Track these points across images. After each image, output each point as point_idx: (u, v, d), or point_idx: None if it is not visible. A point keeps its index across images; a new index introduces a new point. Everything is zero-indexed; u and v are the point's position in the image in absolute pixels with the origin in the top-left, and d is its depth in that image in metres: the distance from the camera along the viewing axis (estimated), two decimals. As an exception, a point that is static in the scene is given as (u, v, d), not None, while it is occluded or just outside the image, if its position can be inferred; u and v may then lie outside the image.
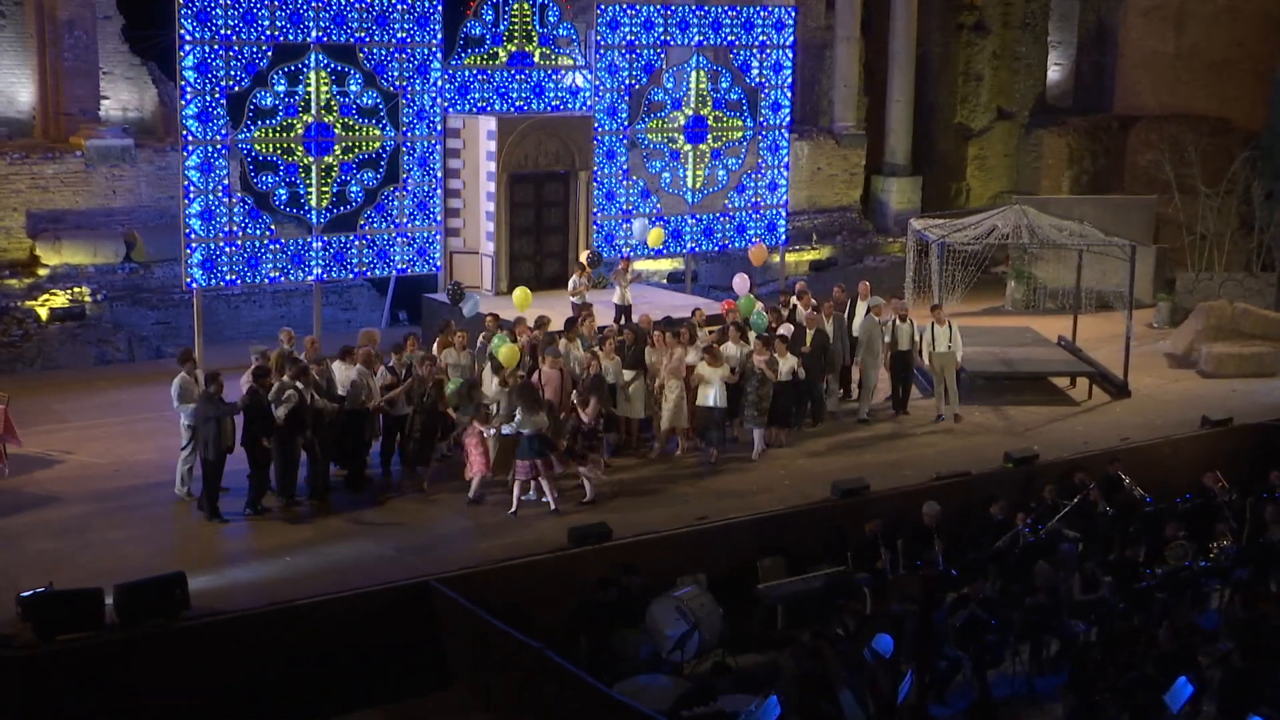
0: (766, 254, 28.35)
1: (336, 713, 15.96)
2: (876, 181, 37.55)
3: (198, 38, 23.10)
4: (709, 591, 17.61)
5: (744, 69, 29.16)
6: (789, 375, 21.71)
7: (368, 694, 16.21)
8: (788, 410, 22.08)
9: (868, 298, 24.22)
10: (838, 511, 19.61)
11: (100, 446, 21.35)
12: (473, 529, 18.58)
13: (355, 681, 16.15)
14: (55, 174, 27.47)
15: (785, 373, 21.63)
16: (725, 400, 20.98)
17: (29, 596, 15.18)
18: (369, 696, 16.21)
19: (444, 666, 16.69)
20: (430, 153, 25.90)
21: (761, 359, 21.21)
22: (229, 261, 24.06)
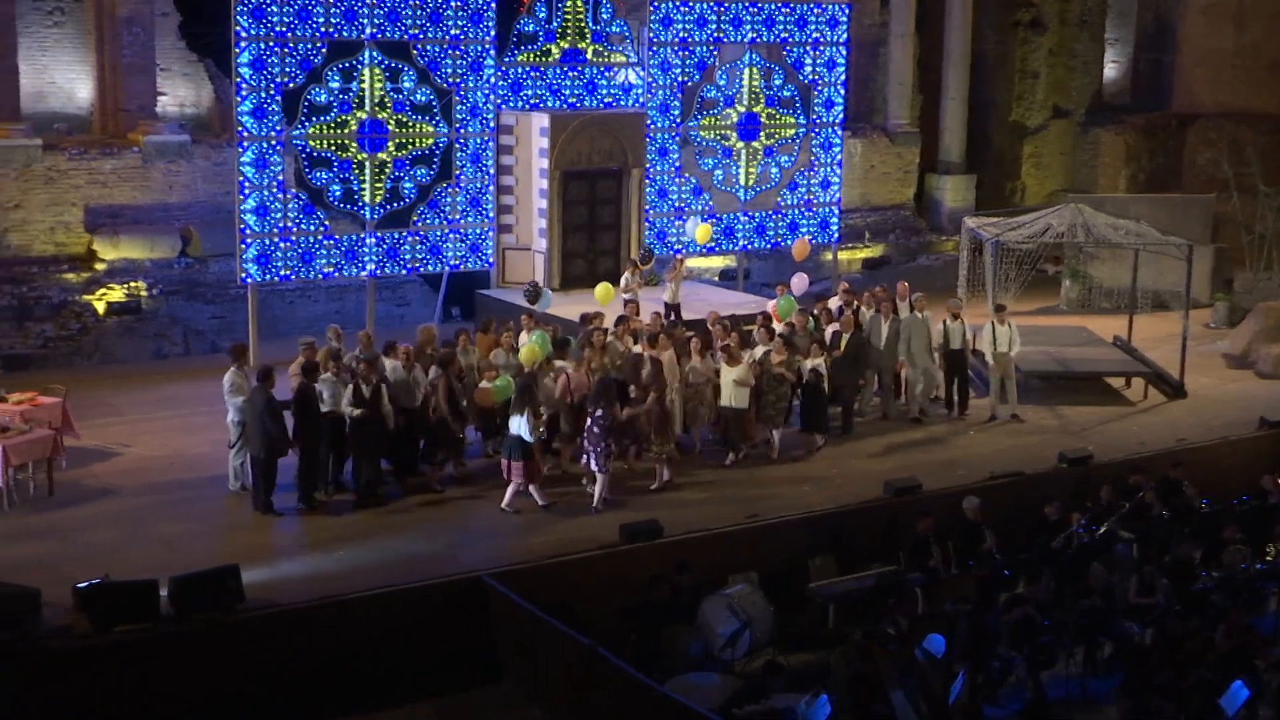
0: (809, 249, 28.27)
1: (388, 705, 16.04)
2: (930, 179, 37.37)
3: (253, 34, 23.26)
4: (760, 590, 17.60)
5: (797, 66, 29.09)
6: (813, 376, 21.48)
7: (419, 687, 16.27)
8: (820, 413, 21.94)
9: (907, 297, 24.05)
10: (890, 510, 19.54)
11: (156, 440, 21.54)
12: (523, 525, 18.62)
13: (406, 675, 16.22)
14: (113, 170, 27.74)
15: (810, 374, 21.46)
16: (744, 401, 20.80)
17: (86, 587, 15.34)
18: (420, 690, 16.27)
19: (494, 661, 16.74)
20: (483, 149, 25.98)
21: (779, 358, 21.09)
22: (283, 257, 24.22)
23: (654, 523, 18.18)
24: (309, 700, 15.73)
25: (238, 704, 15.44)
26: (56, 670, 14.96)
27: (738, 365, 20.62)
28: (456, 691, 16.43)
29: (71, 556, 17.05)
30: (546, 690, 16.18)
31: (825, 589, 18.12)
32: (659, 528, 18.12)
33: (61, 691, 14.91)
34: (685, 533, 18.32)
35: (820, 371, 21.56)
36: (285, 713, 15.57)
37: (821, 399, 21.76)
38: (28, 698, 14.76)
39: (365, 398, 18.80)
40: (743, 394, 20.65)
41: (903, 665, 15.18)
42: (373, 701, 15.99)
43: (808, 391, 21.47)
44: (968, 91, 36.84)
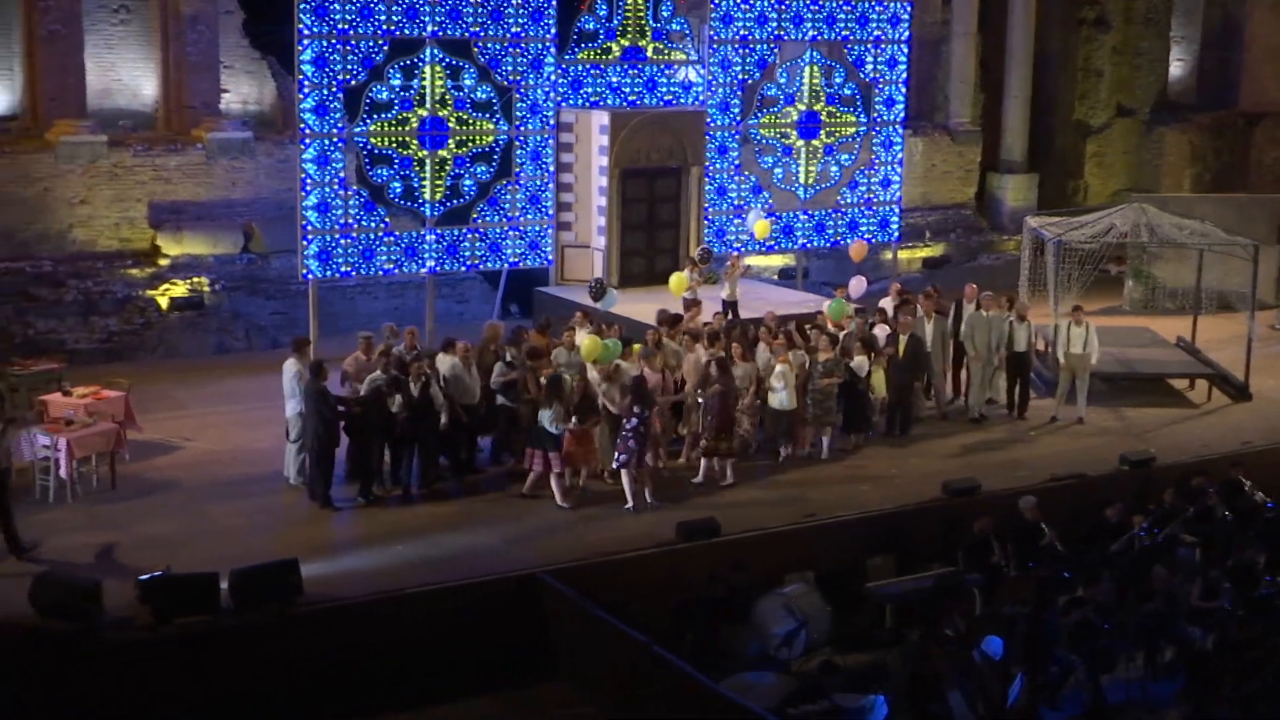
0: (867, 250, 28.13)
1: (444, 701, 16.10)
2: (992, 179, 37.13)
3: (316, 32, 23.39)
4: (817, 589, 17.56)
5: (858, 64, 28.94)
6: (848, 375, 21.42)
7: (475, 683, 16.32)
8: (863, 414, 21.84)
9: (974, 299, 23.89)
10: (949, 511, 19.43)
11: (218, 434, 21.74)
12: (580, 521, 18.65)
13: (463, 670, 16.27)
14: (177, 166, 28.02)
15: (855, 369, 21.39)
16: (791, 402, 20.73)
17: (147, 580, 15.51)
18: (476, 686, 16.32)
19: (551, 658, 16.77)
20: (543, 147, 26.01)
21: (826, 357, 20.99)
22: (344, 253, 24.35)
23: (711, 521, 18.17)
24: (366, 694, 15.84)
25: (296, 697, 15.55)
26: (118, 661, 15.13)
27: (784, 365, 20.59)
28: (512, 688, 16.47)
29: (133, 549, 17.25)
30: (602, 688, 16.20)
31: (883, 589, 18.05)
32: (716, 526, 18.10)
33: (122, 682, 15.09)
34: (742, 531, 18.30)
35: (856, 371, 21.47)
36: (343, 706, 15.68)
37: (862, 399, 21.64)
38: (90, 687, 14.95)
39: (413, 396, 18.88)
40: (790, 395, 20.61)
41: (960, 666, 15.12)
42: (429, 697, 16.05)
43: (848, 392, 21.39)
44: (1030, 90, 36.60)
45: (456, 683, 16.20)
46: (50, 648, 15.06)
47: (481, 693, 16.33)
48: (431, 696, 16.05)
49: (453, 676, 16.19)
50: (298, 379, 19.05)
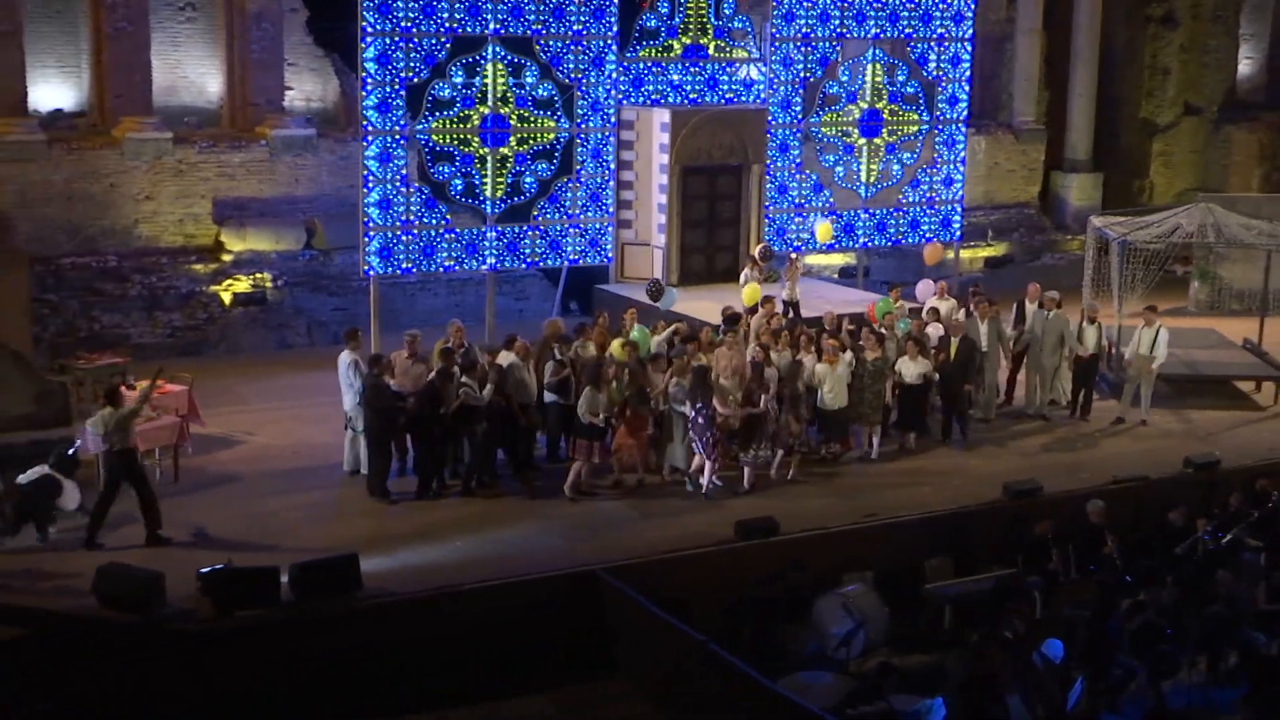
0: (942, 253, 27.97)
1: (502, 697, 16.17)
2: (1056, 177, 36.86)
3: (379, 30, 23.54)
4: (875, 590, 17.49)
5: (921, 62, 28.80)
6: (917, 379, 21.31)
7: (533, 680, 16.37)
8: (917, 414, 21.72)
9: (1036, 299, 23.71)
10: (1009, 512, 19.31)
11: (279, 428, 21.91)
12: (639, 518, 18.68)
13: (521, 667, 16.33)
14: (241, 162, 28.28)
15: (914, 376, 21.26)
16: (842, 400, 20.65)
17: (209, 572, 15.67)
18: (534, 682, 16.37)
19: (609, 655, 16.80)
20: (604, 145, 26.05)
21: (874, 355, 20.89)
22: (405, 250, 24.49)
23: (770, 520, 18.15)
24: (424, 689, 15.91)
25: (355, 690, 15.67)
26: (179, 652, 15.29)
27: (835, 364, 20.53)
28: (571, 685, 16.50)
29: (195, 541, 17.43)
30: (660, 685, 16.21)
31: (942, 590, 17.97)
32: (775, 525, 18.08)
33: (184, 673, 15.25)
34: (801, 531, 18.26)
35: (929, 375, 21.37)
36: (401, 700, 15.78)
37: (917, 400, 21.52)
38: (151, 678, 15.12)
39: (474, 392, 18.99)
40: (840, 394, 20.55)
41: (1020, 669, 15.00)
42: (487, 693, 16.11)
43: (910, 392, 21.28)
44: (1096, 88, 36.31)
45: (514, 679, 16.25)
46: (114, 638, 15.25)
47: (539, 690, 16.37)
48: (489, 693, 16.11)
49: (511, 673, 16.25)
50: (353, 369, 19.20)
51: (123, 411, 17.51)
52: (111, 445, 17.44)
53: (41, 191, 26.60)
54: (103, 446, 17.64)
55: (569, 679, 16.51)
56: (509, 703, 16.16)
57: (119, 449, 17.42)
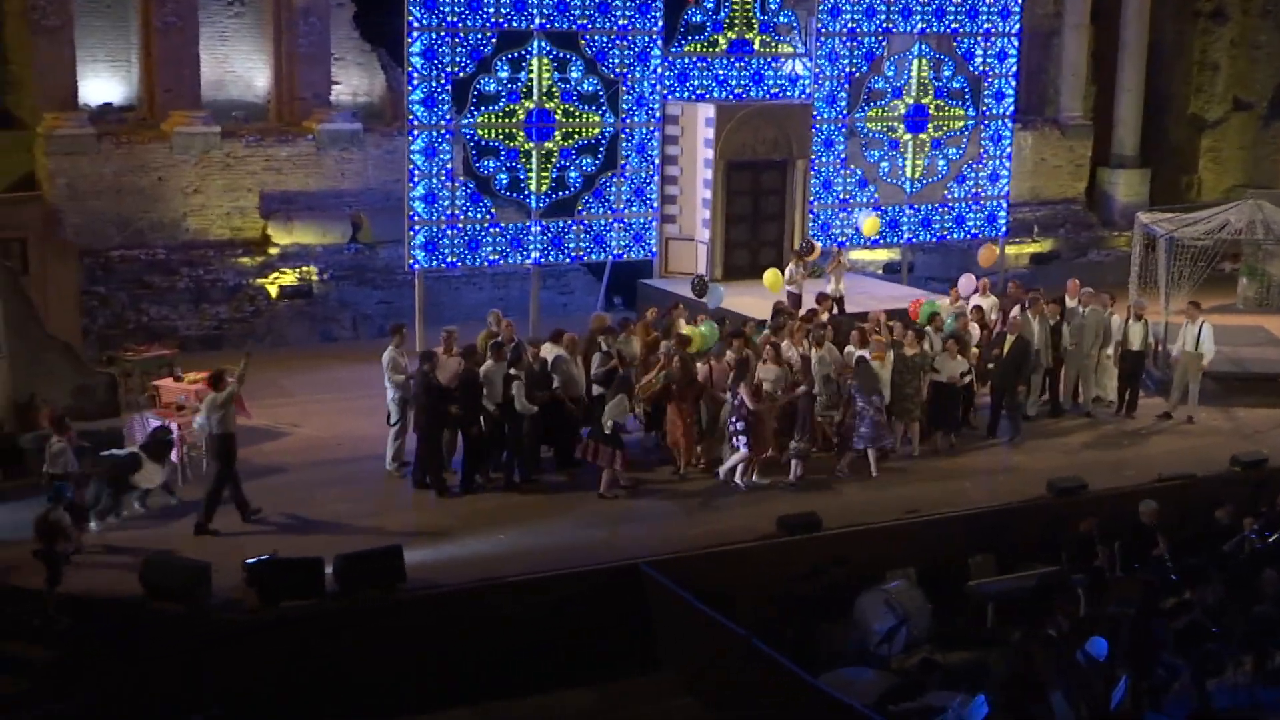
0: (997, 255, 27.82)
1: (545, 690, 16.21)
2: (1102, 173, 36.62)
3: (425, 24, 23.61)
4: (918, 586, 17.44)
5: (967, 57, 28.65)
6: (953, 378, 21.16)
7: (576, 673, 16.41)
8: (952, 413, 21.61)
9: (1076, 295, 23.55)
10: (1053, 510, 19.21)
11: (324, 421, 22.02)
12: (682, 513, 18.69)
13: (564, 660, 16.37)
14: (288, 156, 28.44)
15: (949, 375, 21.12)
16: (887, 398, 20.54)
17: (255, 563, 15.79)
18: (577, 676, 16.41)
19: (651, 650, 16.81)
20: (648, 139, 26.06)
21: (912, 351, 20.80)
22: (450, 244, 24.57)
23: (812, 515, 18.12)
24: (467, 681, 15.98)
25: (397, 681, 15.76)
26: (225, 641, 15.41)
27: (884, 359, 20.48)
28: (613, 679, 16.53)
29: (241, 532, 17.54)
30: (702, 679, 16.22)
31: (985, 587, 17.88)
32: (817, 520, 18.05)
33: (229, 661, 15.37)
34: (843, 526, 18.22)
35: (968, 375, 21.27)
36: (444, 691, 15.85)
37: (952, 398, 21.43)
38: (198, 666, 15.25)
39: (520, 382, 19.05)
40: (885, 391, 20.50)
41: (1063, 667, 14.94)
42: (530, 686, 16.16)
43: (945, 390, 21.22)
44: (1144, 83, 36.02)
45: (557, 672, 16.30)
46: (161, 627, 15.38)
47: (582, 683, 16.42)
48: (532, 686, 16.16)
49: (553, 666, 16.30)
50: (395, 365, 19.30)
51: (222, 395, 17.78)
52: (212, 429, 17.74)
53: (91, 184, 26.83)
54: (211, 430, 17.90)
55: (611, 673, 16.53)
56: (551, 696, 16.21)
57: (219, 433, 17.72)
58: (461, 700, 15.90)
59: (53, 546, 15.77)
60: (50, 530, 15.89)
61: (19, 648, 15.55)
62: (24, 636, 15.60)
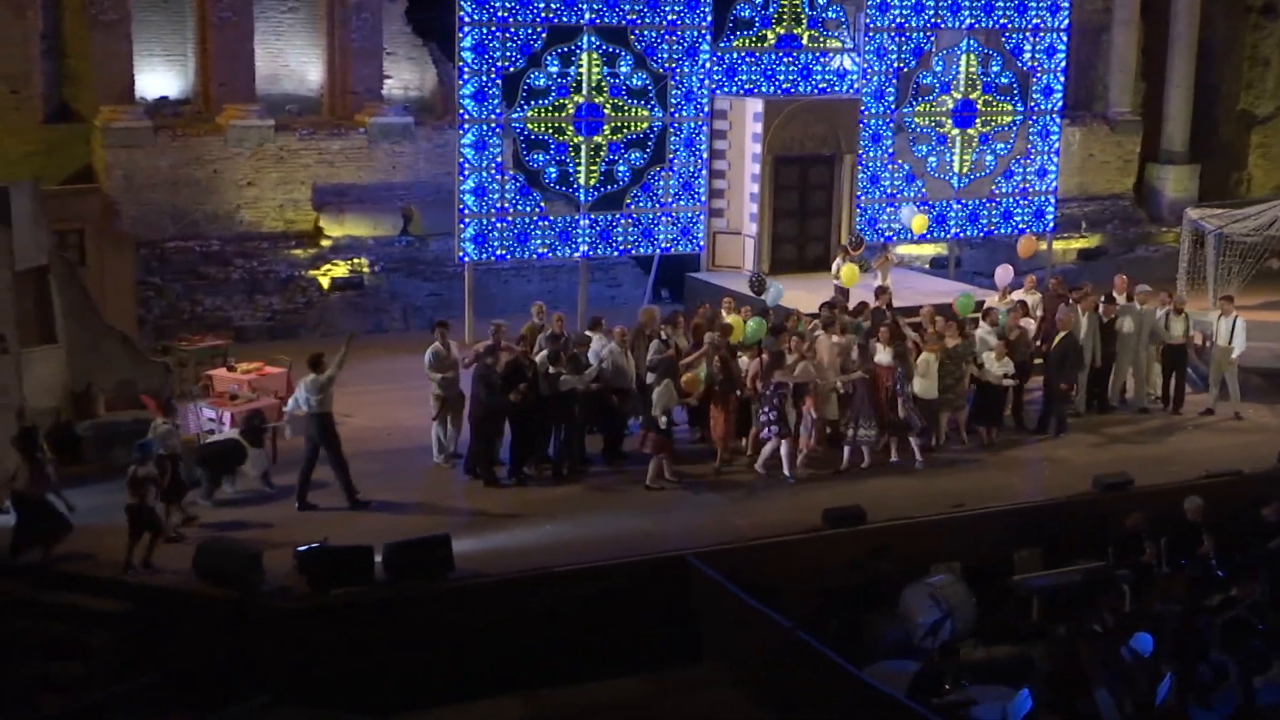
0: (1035, 246, 27.68)
1: (591, 679, 16.23)
2: (1151, 169, 36.30)
3: (476, 19, 23.69)
4: (962, 580, 17.37)
5: (1016, 52, 28.49)
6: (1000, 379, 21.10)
7: (621, 663, 16.43)
8: (997, 408, 21.50)
9: (1124, 290, 23.37)
10: (1099, 505, 19.10)
11: (374, 411, 22.11)
12: (728, 506, 18.69)
13: (609, 650, 16.40)
14: (340, 150, 28.57)
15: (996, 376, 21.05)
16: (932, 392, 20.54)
17: (305, 551, 15.91)
18: (623, 665, 16.43)
19: (696, 640, 16.83)
20: (697, 134, 26.06)
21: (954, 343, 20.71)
22: (500, 237, 24.66)
23: (857, 509, 18.08)
24: (513, 669, 16.03)
25: (445, 669, 15.83)
26: (276, 627, 15.53)
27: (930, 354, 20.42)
28: (658, 669, 16.54)
29: (292, 520, 17.67)
30: (746, 671, 16.22)
31: (1030, 582, 17.81)
32: (862, 513, 18.02)
33: (280, 647, 15.50)
34: (888, 520, 18.18)
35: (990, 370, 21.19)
36: (490, 679, 15.91)
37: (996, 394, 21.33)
38: (249, 651, 15.38)
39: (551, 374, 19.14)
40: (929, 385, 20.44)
41: (1108, 663, 14.87)
42: (575, 675, 16.19)
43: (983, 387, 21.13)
44: (1194, 79, 35.67)
45: (603, 662, 16.32)
46: (214, 613, 15.52)
47: (627, 673, 16.43)
48: (578, 674, 16.18)
49: (599, 655, 16.31)
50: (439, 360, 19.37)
51: (323, 377, 18.04)
52: (312, 408, 17.99)
53: (147, 177, 27.05)
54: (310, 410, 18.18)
55: (656, 663, 16.55)
56: (597, 685, 16.22)
57: (318, 413, 17.99)
58: (508, 689, 15.95)
59: (142, 501, 16.26)
60: (139, 485, 16.31)
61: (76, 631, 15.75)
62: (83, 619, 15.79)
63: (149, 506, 16.33)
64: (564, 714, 15.89)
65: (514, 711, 15.80)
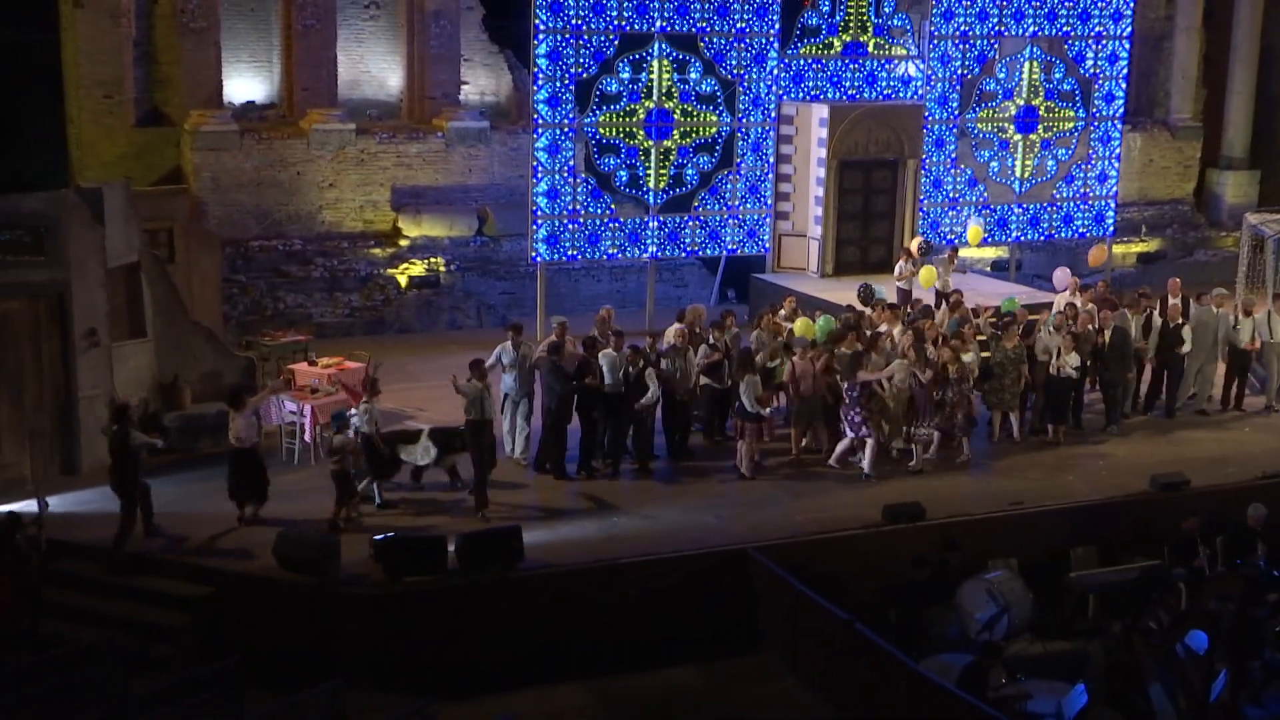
0: (1106, 255, 27.37)
1: (653, 668, 16.25)
2: (1211, 174, 35.82)
3: (551, 27, 23.76)
4: (1020, 576, 17.23)
5: (1078, 59, 28.20)
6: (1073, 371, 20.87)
7: (683, 652, 16.45)
8: (1065, 405, 21.28)
9: (1179, 293, 23.08)
10: (1156, 505, 18.88)
11: (449, 405, 21.97)
12: (789, 500, 18.63)
13: (671, 639, 16.42)
14: (418, 153, 28.75)
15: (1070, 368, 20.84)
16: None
17: (381, 540, 16.02)
18: (684, 655, 16.44)
19: (756, 631, 16.82)
20: (764, 139, 26.00)
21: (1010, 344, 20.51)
22: (571, 238, 24.72)
23: (916, 505, 17.99)
24: (580, 657, 16.08)
25: (514, 656, 15.91)
26: (351, 613, 15.66)
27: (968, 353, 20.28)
28: (719, 659, 16.55)
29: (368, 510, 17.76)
30: (804, 662, 16.18)
31: (1086, 579, 17.63)
32: (921, 510, 17.92)
33: (355, 632, 15.63)
34: (947, 516, 18.07)
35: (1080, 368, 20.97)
36: (557, 666, 15.96)
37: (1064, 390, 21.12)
38: (326, 635, 15.53)
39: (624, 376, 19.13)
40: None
41: (1163, 659, 14.70)
42: (639, 663, 16.22)
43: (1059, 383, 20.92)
44: (1255, 86, 35.17)
45: (666, 651, 16.34)
46: (292, 599, 15.67)
47: (689, 661, 16.45)
48: (641, 663, 16.22)
49: (662, 644, 16.34)
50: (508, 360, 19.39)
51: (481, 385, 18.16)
52: (469, 414, 18.04)
53: (233, 178, 27.35)
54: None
55: (718, 653, 16.55)
56: (660, 673, 16.25)
57: (475, 419, 18.01)
58: (574, 676, 15.99)
59: (342, 467, 16.99)
60: (337, 452, 17.10)
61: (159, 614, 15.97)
62: (168, 603, 16.01)
63: (347, 472, 17.07)
64: (627, 701, 15.90)
65: (579, 698, 15.83)
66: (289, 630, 15.61)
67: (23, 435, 18.47)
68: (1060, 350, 20.82)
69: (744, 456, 19.23)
